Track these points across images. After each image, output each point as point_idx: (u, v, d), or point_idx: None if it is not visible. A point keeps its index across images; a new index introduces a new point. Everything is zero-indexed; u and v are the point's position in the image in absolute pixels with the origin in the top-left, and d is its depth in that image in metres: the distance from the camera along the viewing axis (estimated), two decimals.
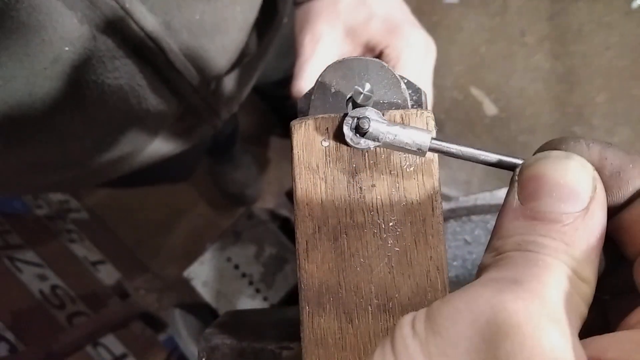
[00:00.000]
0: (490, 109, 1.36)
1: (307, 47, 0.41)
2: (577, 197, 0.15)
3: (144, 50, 0.34)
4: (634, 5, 1.32)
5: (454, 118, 1.36)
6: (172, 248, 1.44)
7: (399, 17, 0.43)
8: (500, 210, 0.17)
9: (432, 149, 0.20)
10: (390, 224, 0.22)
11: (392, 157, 0.22)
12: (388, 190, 0.22)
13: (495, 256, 0.15)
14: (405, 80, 0.24)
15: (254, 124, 1.42)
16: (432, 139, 0.20)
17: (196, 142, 0.53)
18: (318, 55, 0.41)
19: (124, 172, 0.49)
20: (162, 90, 0.39)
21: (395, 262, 0.22)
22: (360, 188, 0.22)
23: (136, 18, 0.31)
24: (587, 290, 0.15)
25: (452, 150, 0.20)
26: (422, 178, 0.22)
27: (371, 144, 0.22)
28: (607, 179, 0.16)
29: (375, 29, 0.42)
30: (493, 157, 0.19)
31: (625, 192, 0.16)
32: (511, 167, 0.19)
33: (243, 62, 0.48)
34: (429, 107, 0.43)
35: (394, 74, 0.24)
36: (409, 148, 0.20)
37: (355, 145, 0.22)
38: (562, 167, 0.15)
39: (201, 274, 1.13)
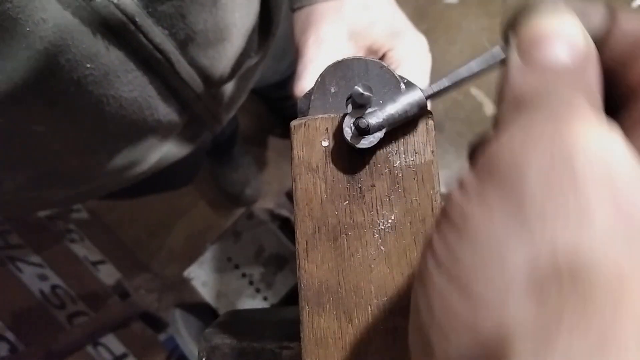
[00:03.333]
0: (490, 109, 1.36)
1: (311, 48, 0.41)
2: (578, 42, 0.16)
3: (153, 62, 0.35)
4: (634, 5, 1.32)
5: (454, 118, 1.36)
6: (172, 248, 1.44)
7: (401, 22, 0.44)
8: (501, 81, 0.17)
9: (430, 97, 0.21)
10: (390, 223, 0.22)
11: (391, 157, 0.22)
12: (388, 190, 0.22)
13: (513, 112, 0.15)
14: (405, 80, 0.24)
15: (254, 124, 1.42)
16: (423, 90, 0.21)
17: (197, 146, 0.53)
18: (322, 56, 0.41)
19: (130, 183, 0.49)
20: (170, 100, 0.40)
21: (395, 262, 0.22)
22: (360, 188, 0.22)
23: (145, 31, 0.32)
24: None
25: (445, 84, 0.20)
26: (422, 178, 0.22)
27: (374, 140, 0.22)
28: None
29: (379, 33, 0.42)
30: (477, 63, 0.20)
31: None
32: (497, 59, 0.19)
33: (242, 68, 0.48)
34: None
35: (394, 74, 0.24)
36: (413, 113, 0.21)
37: (355, 145, 0.22)
38: (557, 18, 0.16)
39: (201, 274, 1.13)
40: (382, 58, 0.43)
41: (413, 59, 0.42)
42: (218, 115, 0.49)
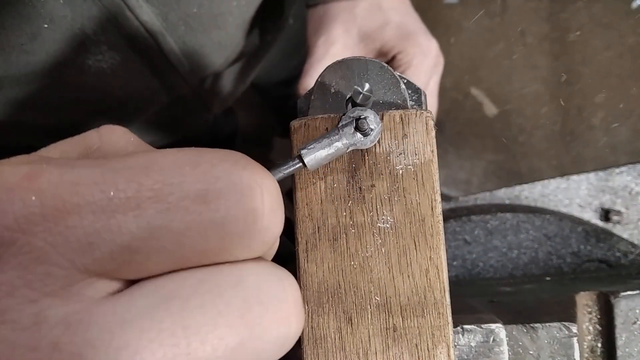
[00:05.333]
0: (490, 109, 1.36)
1: (321, 48, 0.41)
2: None
3: (138, 40, 0.34)
4: (634, 5, 1.32)
5: (454, 118, 1.36)
6: None
7: (413, 25, 0.44)
8: None
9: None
10: (390, 223, 0.22)
11: (391, 157, 0.22)
12: (387, 190, 0.22)
13: None
14: (405, 80, 0.24)
15: (254, 124, 1.42)
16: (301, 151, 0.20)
17: (187, 134, 0.53)
18: (330, 56, 0.41)
19: None
20: (150, 79, 0.39)
21: (394, 262, 0.22)
22: (360, 188, 0.22)
23: (132, 6, 0.32)
24: None
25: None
26: (422, 178, 0.22)
27: (374, 140, 0.22)
28: None
29: (390, 35, 0.42)
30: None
31: None
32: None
33: (241, 59, 0.48)
34: (433, 116, 0.43)
35: (394, 74, 0.24)
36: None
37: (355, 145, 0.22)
38: None
39: None
40: (391, 60, 0.44)
41: (422, 62, 0.42)
42: (209, 104, 0.49)
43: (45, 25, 0.30)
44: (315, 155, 0.20)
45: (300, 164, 0.20)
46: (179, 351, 0.13)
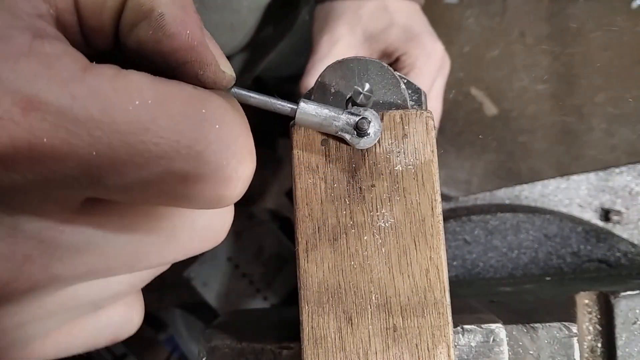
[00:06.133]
0: (490, 109, 1.36)
1: (323, 47, 0.41)
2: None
3: None
4: (634, 5, 1.32)
5: (453, 118, 1.36)
6: None
7: (419, 27, 0.44)
8: None
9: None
10: (390, 223, 0.22)
11: (391, 157, 0.22)
12: (387, 190, 0.22)
13: None
14: (405, 81, 0.24)
15: (254, 124, 1.41)
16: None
17: None
18: (333, 56, 0.41)
19: None
20: None
21: (394, 262, 0.22)
22: (360, 188, 0.22)
23: None
24: None
25: (252, 97, 0.20)
26: (422, 178, 0.22)
27: (374, 140, 0.22)
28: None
29: (394, 36, 0.42)
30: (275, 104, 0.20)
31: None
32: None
33: (251, 46, 0.48)
34: (437, 119, 0.43)
35: (394, 74, 0.24)
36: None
37: (355, 145, 0.22)
38: None
39: (201, 274, 1.13)
40: (395, 61, 0.44)
41: (426, 64, 0.42)
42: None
43: None
44: (307, 116, 0.20)
45: (291, 109, 0.20)
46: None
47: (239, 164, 0.15)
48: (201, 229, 0.17)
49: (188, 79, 0.16)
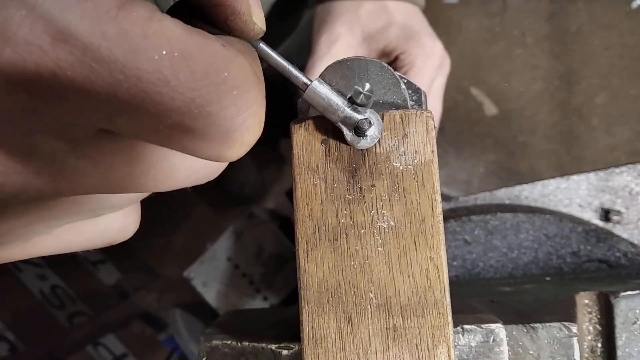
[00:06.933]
0: (490, 109, 1.36)
1: (322, 46, 0.41)
2: None
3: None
4: (634, 5, 1.32)
5: (454, 118, 1.36)
6: (172, 248, 1.44)
7: (418, 27, 0.44)
8: None
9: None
10: (390, 223, 0.22)
11: (391, 157, 0.22)
12: (388, 190, 0.22)
13: None
14: (405, 80, 0.24)
15: None
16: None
17: None
18: (332, 55, 0.41)
19: None
20: None
21: (394, 262, 0.22)
22: (360, 188, 0.22)
23: None
24: None
25: (276, 59, 0.20)
26: (422, 178, 0.22)
27: (374, 140, 0.22)
28: None
29: (393, 36, 0.42)
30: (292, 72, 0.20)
31: None
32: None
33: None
34: (437, 119, 0.43)
35: (394, 74, 0.24)
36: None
37: (355, 145, 0.22)
38: None
39: (201, 274, 1.13)
40: (394, 61, 0.43)
41: (425, 64, 0.42)
42: None
43: None
44: (316, 95, 0.20)
45: (304, 83, 0.20)
46: None
47: (246, 131, 0.15)
48: (199, 169, 0.18)
49: (217, 22, 0.16)
